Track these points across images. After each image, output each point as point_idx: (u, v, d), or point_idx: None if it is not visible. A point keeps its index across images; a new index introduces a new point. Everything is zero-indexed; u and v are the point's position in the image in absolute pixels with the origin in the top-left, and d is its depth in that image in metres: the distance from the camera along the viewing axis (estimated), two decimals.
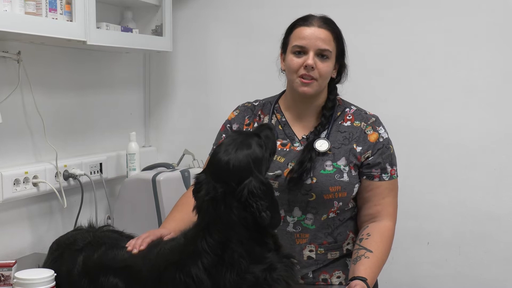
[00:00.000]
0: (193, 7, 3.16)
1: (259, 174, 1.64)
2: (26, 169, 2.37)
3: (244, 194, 1.59)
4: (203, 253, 1.60)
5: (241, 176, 1.61)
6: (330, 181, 1.97)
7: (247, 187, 1.59)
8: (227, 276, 1.58)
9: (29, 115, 2.45)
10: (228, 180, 1.61)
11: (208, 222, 1.62)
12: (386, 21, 2.83)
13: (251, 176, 1.61)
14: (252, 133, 1.78)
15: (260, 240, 1.64)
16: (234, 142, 1.68)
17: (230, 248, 1.59)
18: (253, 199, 1.58)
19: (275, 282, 1.62)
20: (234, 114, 2.18)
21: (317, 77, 1.97)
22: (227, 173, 1.62)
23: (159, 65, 3.25)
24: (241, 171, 1.62)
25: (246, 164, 1.63)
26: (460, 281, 2.79)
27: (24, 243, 2.46)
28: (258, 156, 1.67)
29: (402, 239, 2.63)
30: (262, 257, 1.63)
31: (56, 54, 2.59)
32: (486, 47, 2.70)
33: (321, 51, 1.97)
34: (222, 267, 1.58)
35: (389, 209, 2.04)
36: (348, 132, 2.04)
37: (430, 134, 2.80)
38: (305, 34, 1.98)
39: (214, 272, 1.58)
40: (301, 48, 1.98)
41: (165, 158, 3.18)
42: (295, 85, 2.01)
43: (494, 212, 2.72)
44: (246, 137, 1.71)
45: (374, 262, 1.91)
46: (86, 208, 2.70)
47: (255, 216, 1.58)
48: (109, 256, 1.76)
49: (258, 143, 1.70)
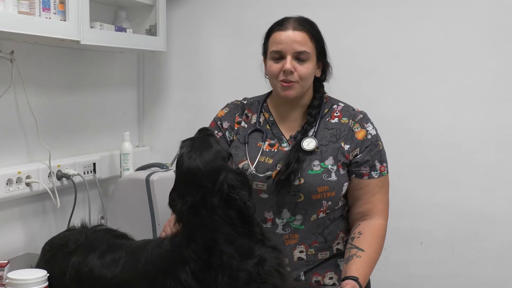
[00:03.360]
0: (187, 7, 3.16)
1: (230, 167, 1.66)
2: (19, 169, 2.37)
3: (225, 189, 1.59)
4: (190, 259, 1.59)
5: (215, 175, 1.61)
6: (317, 181, 1.97)
7: (225, 181, 1.60)
8: (218, 279, 1.57)
9: (22, 115, 2.44)
10: (203, 183, 1.61)
11: (191, 228, 1.62)
12: (379, 20, 2.83)
13: (224, 171, 1.62)
14: (204, 134, 1.77)
15: (248, 232, 1.64)
16: (193, 148, 1.67)
17: (217, 250, 1.59)
18: (234, 191, 1.60)
19: (268, 275, 1.62)
20: (223, 112, 2.18)
21: (298, 79, 1.98)
22: (200, 176, 1.62)
23: (153, 65, 3.25)
24: (213, 169, 1.62)
25: (216, 162, 1.64)
26: (453, 280, 2.80)
27: (17, 243, 2.45)
28: (222, 152, 1.70)
29: (396, 238, 2.64)
30: (251, 251, 1.63)
31: (50, 54, 2.58)
32: (479, 48, 2.71)
33: (298, 53, 1.97)
34: (211, 271, 1.58)
35: (380, 207, 2.04)
36: (336, 129, 2.04)
37: (423, 134, 2.81)
38: (281, 39, 1.98)
39: (203, 277, 1.58)
40: (278, 53, 1.98)
41: (159, 158, 3.18)
42: (277, 90, 2.02)
43: (487, 211, 2.73)
44: (202, 139, 1.72)
45: (366, 261, 1.91)
46: (80, 208, 2.69)
47: (239, 208, 1.59)
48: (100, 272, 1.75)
49: (215, 140, 1.73)
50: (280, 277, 1.66)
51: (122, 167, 2.86)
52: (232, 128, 2.13)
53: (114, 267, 1.74)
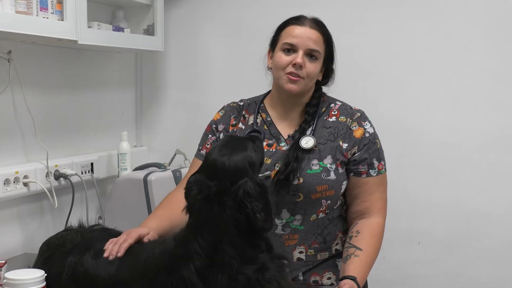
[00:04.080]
0: (185, 7, 3.16)
1: (254, 176, 1.64)
2: (17, 169, 2.36)
3: (240, 194, 1.57)
4: (195, 255, 1.58)
5: (236, 176, 1.60)
6: (316, 180, 1.96)
7: (242, 187, 1.58)
8: (218, 278, 1.56)
9: (19, 115, 2.44)
10: (222, 179, 1.60)
11: (200, 222, 1.61)
12: (378, 21, 2.83)
13: (246, 177, 1.60)
14: (246, 137, 1.79)
15: (252, 242, 1.62)
16: (229, 145, 1.68)
17: (221, 249, 1.58)
18: (248, 199, 1.57)
19: (267, 282, 1.60)
20: (219, 115, 2.18)
21: (304, 76, 1.97)
22: (222, 172, 1.61)
23: (150, 64, 3.24)
24: (237, 171, 1.61)
25: (242, 165, 1.62)
26: (451, 280, 2.80)
27: (15, 243, 2.44)
28: (253, 159, 1.67)
29: (394, 238, 2.64)
30: (254, 257, 1.62)
31: (47, 54, 2.58)
32: (477, 48, 2.71)
33: (311, 51, 1.97)
34: (213, 269, 1.57)
35: (378, 205, 2.04)
36: (334, 128, 2.03)
37: (422, 134, 2.81)
38: (297, 33, 1.98)
39: (206, 275, 1.57)
40: (291, 46, 1.98)
41: (156, 158, 3.18)
42: (281, 82, 2.00)
43: (485, 211, 2.73)
44: (241, 141, 1.73)
45: (364, 261, 1.91)
46: (77, 208, 2.69)
47: (249, 217, 1.57)
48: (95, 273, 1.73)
49: (253, 147, 1.71)
50: None
51: (120, 167, 2.86)
52: (227, 130, 2.13)
53: (109, 266, 1.73)
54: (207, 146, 2.14)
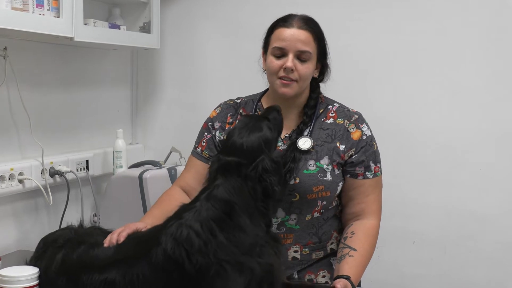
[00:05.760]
0: (181, 5, 3.15)
1: (270, 154, 1.78)
2: (12, 166, 2.36)
3: (259, 170, 1.71)
4: (203, 202, 1.65)
5: (254, 156, 1.74)
6: (313, 180, 1.97)
7: (260, 164, 1.72)
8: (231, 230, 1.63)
9: (15, 111, 2.43)
10: (241, 160, 1.73)
11: (218, 183, 1.70)
12: (374, 21, 2.84)
13: (262, 155, 1.75)
14: (261, 116, 1.89)
15: (263, 210, 1.73)
16: (246, 126, 1.81)
17: (234, 211, 1.65)
18: (266, 174, 1.72)
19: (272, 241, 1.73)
20: (216, 112, 2.17)
21: (297, 78, 1.96)
22: (240, 153, 1.75)
23: (146, 62, 3.24)
24: (254, 151, 1.75)
25: (258, 145, 1.77)
26: (445, 280, 2.81)
27: (9, 240, 2.44)
28: (269, 138, 1.81)
29: (388, 238, 2.65)
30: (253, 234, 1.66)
31: (43, 50, 2.58)
32: (474, 48, 2.71)
33: (301, 52, 1.95)
34: (220, 222, 1.62)
35: (373, 207, 2.04)
36: (331, 130, 2.03)
37: (416, 134, 2.81)
38: (285, 36, 1.96)
39: (210, 225, 1.61)
40: (281, 50, 1.96)
41: (152, 156, 3.18)
42: (275, 86, 2.00)
43: (480, 212, 2.74)
44: (257, 121, 1.85)
45: (358, 261, 1.92)
46: (72, 205, 2.69)
47: (267, 189, 1.71)
48: (90, 255, 1.72)
49: (268, 126, 1.83)
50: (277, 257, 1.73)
51: (115, 164, 2.86)
52: (223, 128, 2.12)
53: (107, 250, 1.72)
54: (203, 144, 2.14)
